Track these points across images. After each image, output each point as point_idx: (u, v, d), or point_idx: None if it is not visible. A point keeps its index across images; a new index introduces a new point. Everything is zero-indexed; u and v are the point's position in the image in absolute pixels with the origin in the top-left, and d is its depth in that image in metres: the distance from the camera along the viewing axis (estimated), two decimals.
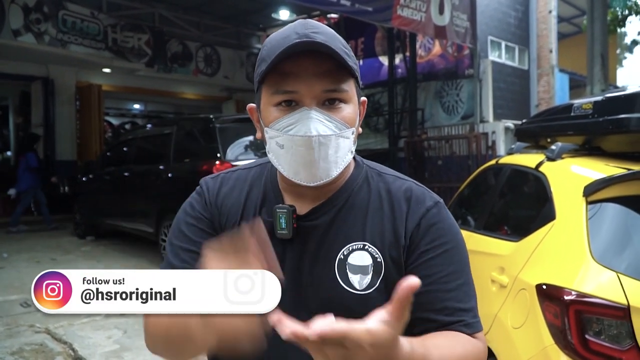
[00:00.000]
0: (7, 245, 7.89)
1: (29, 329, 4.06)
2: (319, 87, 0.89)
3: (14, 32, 9.38)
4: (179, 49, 12.49)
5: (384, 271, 0.94)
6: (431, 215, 0.97)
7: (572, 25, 18.17)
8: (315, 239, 0.97)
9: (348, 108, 0.93)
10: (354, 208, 0.98)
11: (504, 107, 12.12)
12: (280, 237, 0.96)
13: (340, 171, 0.93)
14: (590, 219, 2.01)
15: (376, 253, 0.94)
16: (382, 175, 1.04)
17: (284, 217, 0.96)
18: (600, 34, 6.89)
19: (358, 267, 0.94)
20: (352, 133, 0.94)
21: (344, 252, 0.95)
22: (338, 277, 0.94)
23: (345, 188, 1.00)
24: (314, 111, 0.89)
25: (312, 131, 0.88)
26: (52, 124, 11.52)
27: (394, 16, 8.07)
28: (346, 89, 0.92)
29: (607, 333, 1.74)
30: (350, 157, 0.96)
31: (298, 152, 0.90)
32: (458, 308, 0.92)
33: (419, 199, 0.99)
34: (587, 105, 2.56)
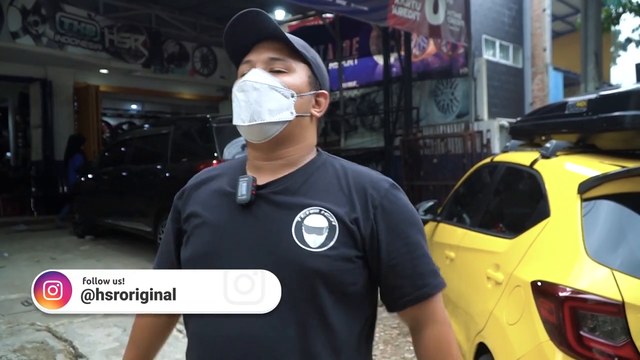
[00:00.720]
0: (8, 244, 7.91)
1: (30, 327, 4.08)
2: (266, 55, 1.11)
3: (12, 34, 9.39)
4: (175, 50, 12.50)
5: (337, 234, 1.04)
6: (388, 194, 1.10)
7: (566, 24, 18.23)
8: (272, 204, 1.07)
9: (290, 77, 1.11)
10: (312, 182, 1.11)
11: (498, 106, 12.15)
12: (240, 203, 1.07)
13: (273, 120, 1.07)
14: (584, 216, 2.03)
15: (331, 217, 1.05)
16: (339, 160, 1.18)
17: (244, 185, 1.08)
18: (594, 32, 6.92)
19: (313, 228, 1.04)
20: (291, 95, 1.10)
21: (301, 215, 1.05)
22: (294, 236, 1.03)
23: (303, 168, 1.13)
24: (257, 69, 1.10)
25: (247, 78, 1.09)
26: (51, 125, 11.55)
27: (389, 15, 8.10)
28: (291, 63, 1.12)
29: (601, 329, 1.76)
30: (289, 116, 1.09)
31: (237, 98, 1.10)
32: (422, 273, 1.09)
33: (375, 179, 1.12)
34: (582, 103, 2.59)
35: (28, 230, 9.57)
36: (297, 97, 1.11)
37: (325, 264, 1.01)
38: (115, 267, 6.41)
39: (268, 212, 1.06)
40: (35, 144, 11.83)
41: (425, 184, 9.96)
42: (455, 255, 3.40)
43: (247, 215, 1.07)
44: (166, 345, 1.31)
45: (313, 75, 1.16)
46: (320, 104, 1.18)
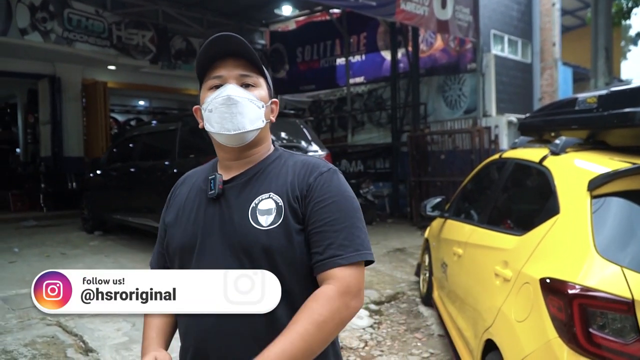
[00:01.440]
0: (18, 240, 7.98)
1: (41, 322, 4.11)
2: (236, 72, 1.29)
3: (21, 30, 9.43)
4: (182, 46, 12.51)
5: (283, 213, 1.22)
6: (324, 176, 1.26)
7: (576, 18, 18.08)
8: (235, 195, 1.27)
9: (258, 90, 1.30)
10: (267, 174, 1.30)
11: (506, 101, 12.08)
12: (210, 197, 1.29)
13: (253, 129, 1.28)
14: (594, 213, 2.02)
15: (278, 200, 1.24)
16: (293, 154, 1.37)
17: (213, 182, 1.29)
18: (604, 26, 6.85)
19: (264, 210, 1.23)
20: (262, 106, 1.30)
21: (255, 201, 1.24)
22: (250, 219, 1.22)
23: (261, 163, 1.33)
24: (232, 85, 1.27)
25: (229, 92, 1.26)
26: (59, 121, 11.64)
27: (397, 10, 8.07)
28: (257, 79, 1.31)
29: (611, 327, 1.75)
30: (262, 124, 1.30)
31: (220, 110, 1.26)
32: (340, 244, 1.19)
33: (316, 165, 1.30)
34: (592, 99, 2.57)
35: (38, 225, 9.65)
36: (265, 107, 1.31)
37: (275, 239, 1.20)
38: (123, 262, 6.45)
39: (232, 201, 1.27)
40: (44, 140, 11.92)
41: (433, 180, 9.93)
42: (463, 251, 3.39)
43: (217, 207, 1.28)
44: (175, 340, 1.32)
45: (268, 86, 1.35)
46: (273, 110, 1.37)
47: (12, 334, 3.90)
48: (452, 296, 3.64)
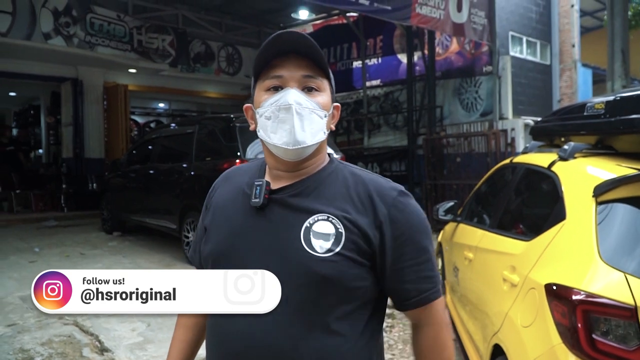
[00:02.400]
0: (39, 240, 8.16)
1: (58, 321, 4.22)
2: (299, 73, 1.12)
3: (44, 35, 9.67)
4: (201, 49, 12.68)
5: (343, 241, 1.08)
6: (398, 202, 1.14)
7: (595, 19, 17.84)
8: (283, 209, 1.12)
9: (322, 96, 1.14)
10: (322, 190, 1.15)
11: (525, 103, 11.98)
12: (253, 205, 1.13)
13: (313, 143, 1.13)
14: (599, 219, 2.03)
15: (338, 224, 1.09)
16: (350, 168, 1.22)
17: (259, 189, 1.13)
18: (620, 29, 6.77)
19: (321, 234, 1.08)
20: (324, 115, 1.14)
21: (310, 221, 1.09)
22: (302, 241, 1.07)
23: (316, 175, 1.17)
24: (294, 89, 1.11)
25: (292, 101, 1.09)
26: (81, 123, 11.89)
27: (412, 14, 8.08)
28: (322, 81, 1.15)
29: (614, 333, 1.75)
30: (323, 136, 1.15)
31: (282, 119, 1.10)
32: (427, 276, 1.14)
33: (384, 187, 1.16)
34: (600, 105, 2.57)
35: (58, 225, 9.85)
36: (327, 116, 1.16)
37: (331, 269, 1.06)
38: (140, 263, 6.56)
39: (280, 216, 1.12)
40: (66, 142, 12.17)
41: (449, 183, 9.89)
42: (473, 256, 3.40)
43: (260, 218, 1.12)
44: None
45: (331, 90, 1.19)
46: (334, 117, 1.22)
47: (30, 333, 4.00)
48: (464, 300, 3.65)
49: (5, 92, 13.72)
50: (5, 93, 13.88)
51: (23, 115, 15.33)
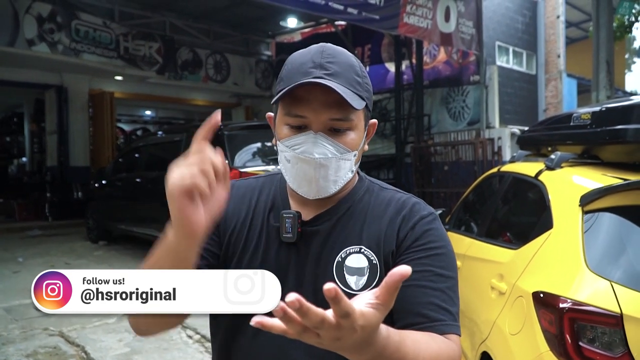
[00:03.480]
0: (23, 249, 8.05)
1: (43, 332, 4.16)
2: (326, 116, 0.97)
3: (28, 41, 9.57)
4: (189, 57, 12.65)
5: (379, 273, 0.99)
6: (425, 222, 1.02)
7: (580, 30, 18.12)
8: (317, 243, 1.03)
9: (352, 134, 1.00)
10: (353, 216, 1.04)
11: (511, 112, 12.12)
12: (285, 241, 1.03)
13: (338, 189, 1.02)
14: (585, 228, 2.05)
15: (372, 256, 1.00)
16: (383, 189, 1.10)
17: (289, 222, 1.02)
18: (606, 40, 6.90)
19: (355, 268, 0.99)
20: (353, 156, 1.01)
21: (341, 255, 1.00)
22: (336, 278, 0.98)
23: (347, 199, 1.07)
24: (319, 136, 0.97)
25: (315, 154, 0.97)
26: (66, 131, 11.74)
27: (400, 24, 8.15)
28: (352, 118, 0.99)
29: (600, 340, 1.77)
30: (350, 175, 1.03)
31: (301, 169, 0.99)
32: (443, 307, 0.96)
33: (415, 208, 1.05)
34: (586, 115, 2.61)
35: (42, 235, 9.72)
36: (358, 152, 1.03)
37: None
38: None
39: (311, 251, 1.03)
40: (51, 150, 12.02)
41: (436, 191, 9.95)
42: (461, 264, 3.42)
43: (292, 254, 1.03)
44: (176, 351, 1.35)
45: (368, 112, 1.05)
46: (369, 134, 1.09)
47: (15, 345, 3.94)
48: None
49: None
50: None
51: (6, 123, 15.15)
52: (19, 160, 14.52)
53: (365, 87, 1.02)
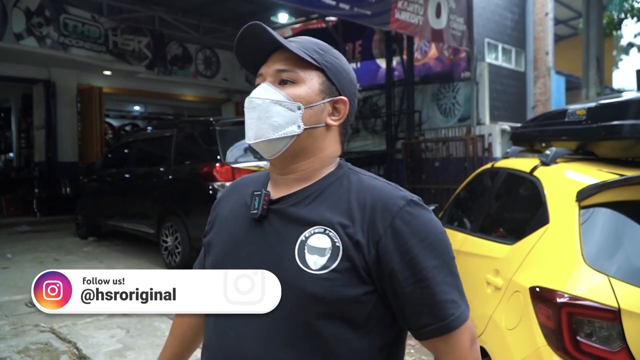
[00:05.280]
0: (11, 245, 7.95)
1: (34, 329, 4.11)
2: (273, 67, 1.08)
3: (16, 35, 9.45)
4: (178, 52, 12.56)
5: (340, 256, 0.97)
6: (404, 214, 0.98)
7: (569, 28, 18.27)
8: (281, 221, 1.03)
9: (298, 88, 1.06)
10: (325, 199, 1.04)
11: (500, 109, 12.18)
12: (252, 217, 1.06)
13: (279, 137, 1.04)
14: (582, 223, 2.06)
15: (336, 238, 0.98)
16: (360, 175, 1.09)
17: (257, 200, 1.06)
18: (595, 37, 6.95)
19: (316, 248, 0.98)
20: (297, 108, 1.05)
21: (306, 234, 1.00)
22: (296, 255, 0.98)
23: (319, 182, 1.07)
24: (264, 83, 1.08)
25: (252, 94, 1.07)
26: (54, 126, 11.59)
27: (392, 20, 8.14)
28: (298, 72, 1.06)
29: (598, 335, 1.78)
30: (296, 130, 1.05)
31: (245, 114, 1.09)
32: (447, 300, 0.97)
33: (390, 197, 1.01)
34: (581, 111, 2.62)
35: (31, 231, 9.61)
36: (306, 109, 1.05)
37: (325, 288, 0.95)
38: (117, 268, 6.44)
39: (277, 228, 1.04)
40: (38, 145, 11.88)
41: (427, 188, 9.99)
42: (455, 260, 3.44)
43: (258, 231, 1.05)
44: None
45: (328, 81, 1.08)
46: (339, 111, 1.10)
47: (6, 341, 3.89)
48: None
49: None
50: None
51: None
52: (6, 155, 14.32)
53: (328, 58, 1.09)
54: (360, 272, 0.96)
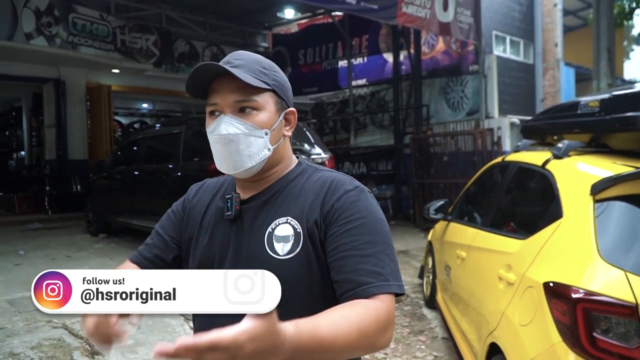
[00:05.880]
0: (23, 242, 8.02)
1: (47, 325, 4.14)
2: (230, 99, 1.12)
3: (26, 35, 9.51)
4: (185, 49, 12.58)
5: (302, 240, 1.10)
6: (349, 195, 1.11)
7: (578, 19, 18.09)
8: (251, 217, 1.17)
9: (260, 115, 1.13)
10: (287, 194, 1.17)
11: (509, 102, 12.10)
12: (227, 218, 1.19)
13: (255, 164, 1.14)
14: (597, 217, 2.03)
15: (296, 225, 1.11)
16: (317, 170, 1.22)
17: (230, 202, 1.19)
18: (606, 28, 6.86)
19: (281, 237, 1.12)
20: (265, 134, 1.14)
21: (272, 226, 1.13)
22: (266, 245, 1.12)
23: (281, 180, 1.20)
24: (226, 116, 1.12)
25: (222, 131, 1.12)
26: (64, 124, 11.68)
27: (399, 13, 8.09)
28: (256, 100, 1.12)
29: (615, 331, 1.75)
30: (267, 153, 1.15)
31: (217, 148, 1.14)
32: (372, 270, 1.03)
33: (340, 183, 1.15)
34: (594, 102, 2.58)
35: (42, 228, 9.69)
36: (270, 133, 1.15)
37: (292, 270, 1.08)
38: None
39: (249, 224, 1.16)
40: (49, 143, 11.97)
41: (436, 182, 9.94)
42: (466, 255, 3.41)
43: (233, 229, 1.18)
44: None
45: (279, 98, 1.17)
46: (290, 122, 1.21)
47: (19, 337, 3.92)
48: (456, 299, 3.65)
49: None
50: None
51: (4, 117, 15.07)
52: (18, 154, 14.45)
53: (273, 76, 1.16)
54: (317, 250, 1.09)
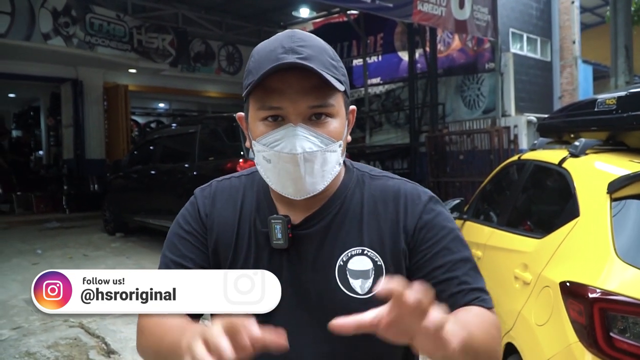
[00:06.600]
0: (41, 241, 8.13)
1: (64, 324, 4.20)
2: (304, 104, 0.89)
3: (44, 35, 9.63)
4: (201, 49, 12.66)
5: (385, 274, 0.94)
6: (429, 211, 0.98)
7: (595, 16, 17.83)
8: (312, 247, 0.96)
9: (335, 122, 0.92)
10: (348, 214, 0.98)
11: (526, 100, 11.96)
12: (276, 247, 0.97)
13: (327, 184, 0.94)
14: (614, 216, 2.01)
15: (376, 257, 0.95)
16: (373, 177, 1.04)
17: (279, 227, 0.96)
18: (624, 25, 6.76)
19: (359, 272, 0.94)
20: (339, 146, 0.93)
21: (342, 258, 0.95)
22: (339, 284, 0.94)
23: (337, 195, 1.00)
24: (299, 128, 0.89)
25: (298, 148, 0.88)
26: (82, 124, 11.85)
27: (414, 12, 8.05)
28: (332, 104, 0.91)
29: (632, 331, 1.73)
30: (338, 169, 0.95)
31: (284, 168, 0.90)
32: (473, 288, 0.95)
33: (414, 196, 1.00)
34: (611, 100, 2.54)
35: (60, 227, 9.82)
36: (343, 142, 0.95)
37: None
38: (144, 264, 6.54)
39: (309, 255, 0.96)
40: (67, 143, 12.15)
41: (452, 181, 9.88)
42: (482, 254, 3.38)
43: (284, 261, 0.97)
44: None
45: (346, 97, 0.97)
46: (350, 122, 1.00)
47: (36, 336, 3.98)
48: None
49: (4, 93, 13.68)
50: (4, 94, 13.84)
51: (23, 117, 15.31)
52: (36, 153, 14.68)
53: (341, 70, 0.95)
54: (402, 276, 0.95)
